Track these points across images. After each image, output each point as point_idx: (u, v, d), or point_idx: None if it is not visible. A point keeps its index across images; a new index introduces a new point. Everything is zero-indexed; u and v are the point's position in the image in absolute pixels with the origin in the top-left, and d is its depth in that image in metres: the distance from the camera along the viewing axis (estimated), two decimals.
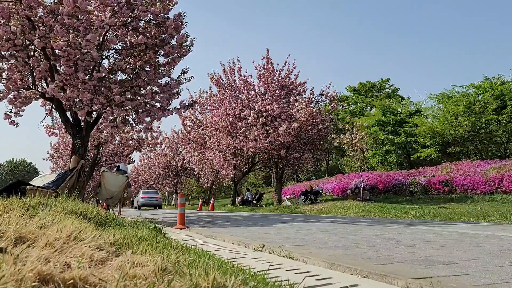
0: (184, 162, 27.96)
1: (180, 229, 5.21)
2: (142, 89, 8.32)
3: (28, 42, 7.45)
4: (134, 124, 9.05)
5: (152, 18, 7.72)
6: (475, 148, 18.97)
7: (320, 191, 17.57)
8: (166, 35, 7.96)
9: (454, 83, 34.56)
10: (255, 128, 14.72)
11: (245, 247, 3.08)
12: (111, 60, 8.61)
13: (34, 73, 7.96)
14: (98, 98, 7.56)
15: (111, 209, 7.89)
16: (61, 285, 1.02)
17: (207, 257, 2.11)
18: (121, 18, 7.42)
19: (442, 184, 13.20)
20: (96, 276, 1.12)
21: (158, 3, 7.47)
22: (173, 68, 8.65)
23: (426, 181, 13.82)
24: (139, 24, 7.74)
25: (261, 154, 16.89)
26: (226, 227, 5.27)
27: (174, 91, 8.75)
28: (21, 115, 8.23)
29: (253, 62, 16.22)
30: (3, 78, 7.74)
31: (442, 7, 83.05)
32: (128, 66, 8.21)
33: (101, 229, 2.39)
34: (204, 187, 28.60)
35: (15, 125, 8.26)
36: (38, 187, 6.21)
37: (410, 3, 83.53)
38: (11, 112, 8.11)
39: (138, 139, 16.99)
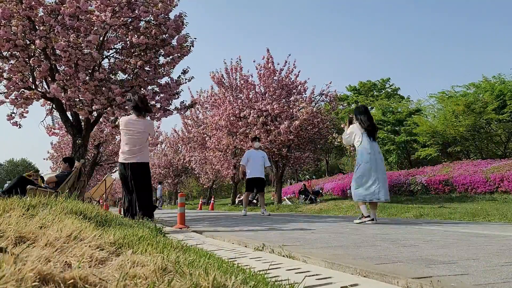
0: (185, 161, 28.02)
1: (180, 228, 5.22)
2: (142, 89, 8.32)
3: (29, 42, 7.44)
4: None
5: (152, 19, 7.72)
6: (475, 147, 18.95)
7: (320, 191, 17.58)
8: (167, 35, 7.96)
9: (454, 83, 34.64)
10: (255, 127, 14.72)
11: (245, 246, 3.08)
12: (112, 60, 8.61)
13: (35, 73, 7.96)
14: (99, 98, 7.56)
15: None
16: (62, 285, 1.02)
17: (207, 256, 2.11)
18: (122, 18, 7.42)
19: (443, 184, 13.20)
20: (97, 276, 1.12)
21: (160, 3, 7.48)
22: (173, 68, 8.66)
23: (426, 180, 13.81)
24: (140, 24, 7.75)
25: None
26: (226, 227, 5.28)
27: (174, 91, 8.75)
28: (25, 117, 8.22)
29: (254, 61, 16.21)
30: (4, 79, 7.74)
31: (443, 7, 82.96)
32: (128, 66, 8.21)
33: (101, 228, 2.39)
34: (204, 186, 28.62)
35: (18, 126, 8.25)
36: (39, 186, 6.22)
37: (410, 3, 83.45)
38: (13, 113, 8.10)
39: None
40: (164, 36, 7.95)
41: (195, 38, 8.38)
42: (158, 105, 8.61)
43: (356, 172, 5.62)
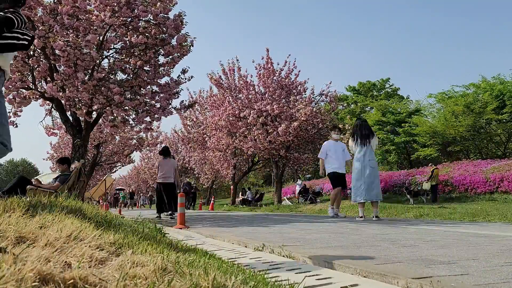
0: (184, 161, 27.97)
1: (180, 228, 5.21)
2: (142, 89, 8.31)
3: None
4: (133, 124, 9.05)
5: (152, 18, 7.71)
6: (475, 147, 18.95)
7: (320, 191, 17.59)
8: (166, 34, 7.95)
9: (454, 83, 34.69)
10: (255, 128, 14.71)
11: (245, 246, 3.08)
12: (111, 60, 8.60)
13: (34, 73, 7.95)
14: (98, 98, 7.56)
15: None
16: (61, 285, 1.02)
17: (207, 256, 2.11)
18: (121, 18, 7.41)
19: (442, 184, 13.19)
20: (96, 276, 1.12)
21: (159, 3, 7.47)
22: (173, 68, 8.65)
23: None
24: (139, 24, 7.74)
25: (261, 154, 16.89)
26: (226, 227, 5.27)
27: (174, 90, 8.74)
28: (19, 115, 8.21)
29: (253, 61, 16.18)
30: None
31: (443, 7, 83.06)
32: (128, 66, 8.20)
33: (101, 228, 2.39)
34: (204, 186, 28.58)
35: (15, 126, 8.25)
36: (39, 186, 6.21)
37: (410, 3, 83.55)
38: (9, 112, 8.10)
39: (138, 139, 16.99)
40: (163, 35, 7.94)
41: (195, 38, 8.37)
42: (158, 105, 8.60)
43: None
